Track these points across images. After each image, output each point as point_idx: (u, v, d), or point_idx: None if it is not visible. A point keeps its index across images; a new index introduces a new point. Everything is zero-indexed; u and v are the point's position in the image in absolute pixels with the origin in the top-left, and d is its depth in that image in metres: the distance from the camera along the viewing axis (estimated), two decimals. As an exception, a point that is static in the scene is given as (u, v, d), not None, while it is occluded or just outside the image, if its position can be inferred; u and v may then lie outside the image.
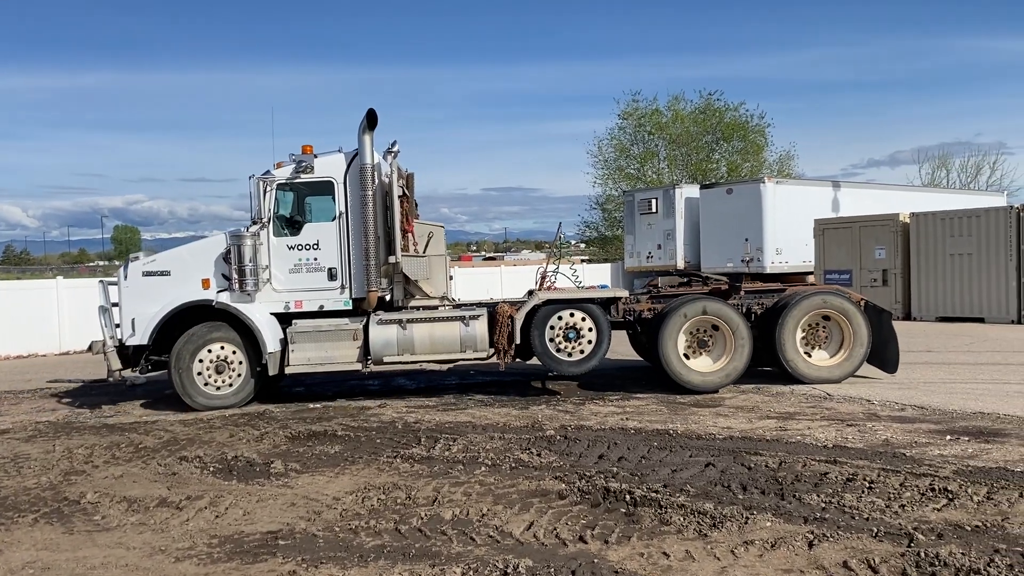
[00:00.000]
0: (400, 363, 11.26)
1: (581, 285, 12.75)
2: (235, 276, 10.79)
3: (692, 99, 41.34)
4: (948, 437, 7.91)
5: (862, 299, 11.75)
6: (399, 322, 10.98)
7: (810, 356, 11.44)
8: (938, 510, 5.73)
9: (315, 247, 11.09)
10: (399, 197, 11.12)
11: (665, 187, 29.54)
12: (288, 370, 10.97)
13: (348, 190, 11.03)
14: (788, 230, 24.12)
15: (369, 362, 10.98)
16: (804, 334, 11.44)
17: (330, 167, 11.16)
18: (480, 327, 11.03)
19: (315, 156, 11.12)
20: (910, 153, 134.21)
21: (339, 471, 7.51)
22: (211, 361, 10.92)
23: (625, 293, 11.78)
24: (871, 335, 11.31)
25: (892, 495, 6.07)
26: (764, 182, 24.73)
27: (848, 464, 6.93)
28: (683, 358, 11.18)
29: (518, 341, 11.02)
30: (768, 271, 23.41)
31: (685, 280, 13.15)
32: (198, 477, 7.49)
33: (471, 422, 9.48)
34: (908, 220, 21.36)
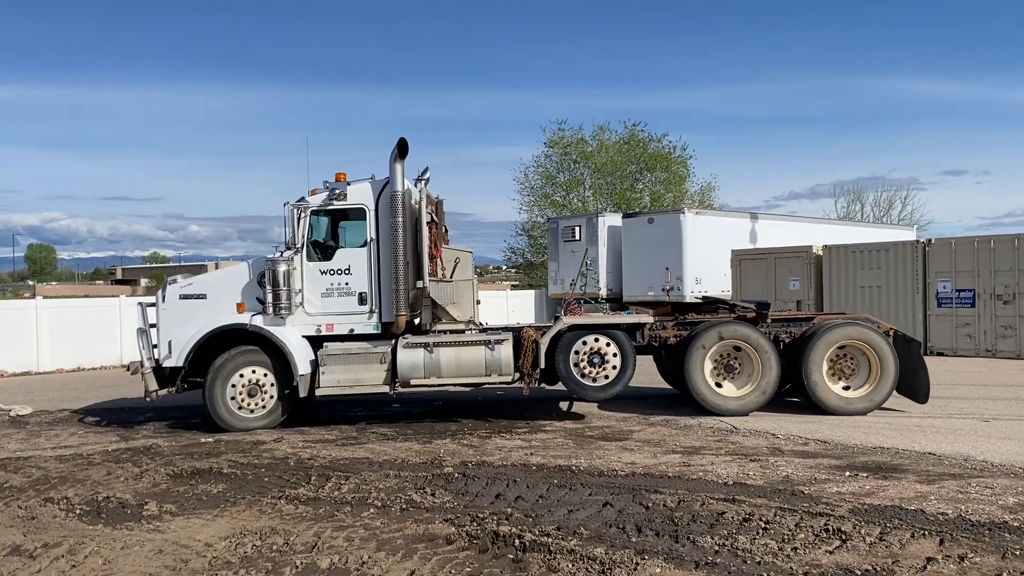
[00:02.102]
0: (427, 386, 11.34)
1: (606, 311, 12.88)
2: (269, 300, 10.97)
3: (617, 129, 41.84)
4: (847, 473, 7.87)
5: (891, 329, 11.71)
6: (426, 346, 11.11)
7: (836, 386, 11.33)
8: (830, 552, 5.61)
9: (346, 272, 11.27)
10: (428, 223, 11.36)
11: (588, 215, 29.65)
12: (318, 392, 11.12)
13: (379, 216, 11.24)
14: (707, 260, 24.40)
15: (397, 384, 11.12)
16: (831, 364, 11.34)
17: (362, 194, 11.36)
18: (505, 351, 11.11)
19: (348, 183, 11.31)
20: (829, 186, 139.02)
21: (218, 513, 7.03)
22: (244, 385, 11.08)
23: (650, 319, 11.82)
24: (898, 366, 11.21)
25: (786, 536, 5.93)
26: (684, 212, 24.99)
27: (746, 503, 6.78)
28: (710, 383, 11.25)
29: (543, 365, 11.13)
30: (688, 300, 23.59)
31: (712, 307, 13.17)
32: (61, 521, 6.91)
33: (368, 458, 9.08)
34: (821, 252, 21.82)
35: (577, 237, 27.67)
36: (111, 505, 7.35)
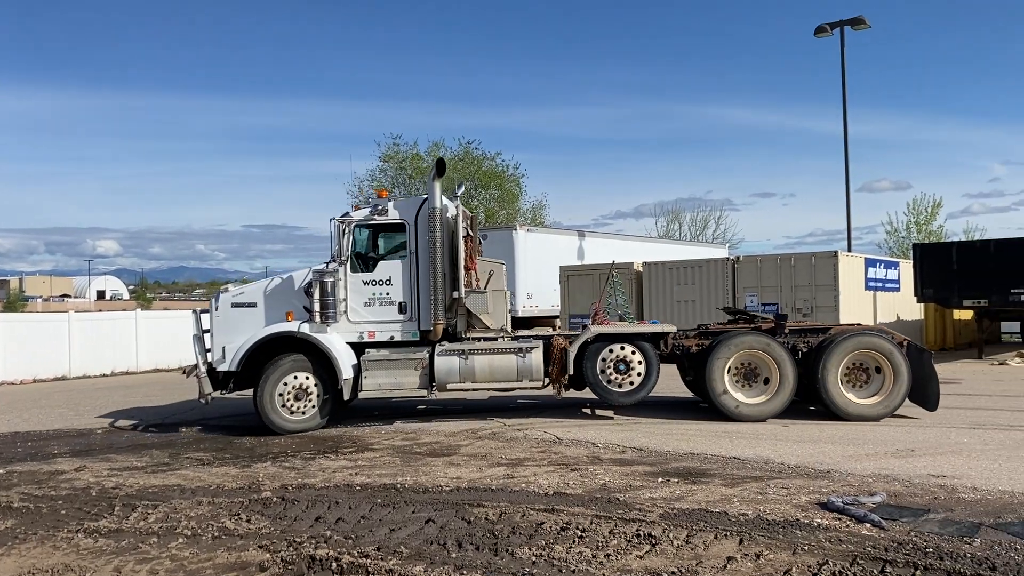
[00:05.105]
0: (462, 390, 12.13)
1: (632, 321, 13.23)
2: (316, 309, 11.63)
3: (452, 147, 42.23)
4: (660, 479, 8.25)
5: (904, 340, 12.09)
6: (461, 352, 11.86)
7: (851, 394, 11.66)
8: (640, 557, 5.84)
9: (387, 283, 12.04)
10: (464, 237, 12.13)
11: (423, 230, 29.62)
12: (361, 395, 11.81)
13: (418, 231, 12.01)
14: (539, 275, 25.00)
15: (434, 388, 11.79)
16: (846, 373, 11.69)
17: (402, 210, 12.15)
18: (536, 358, 11.86)
19: (389, 200, 12.18)
20: (652, 206, 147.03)
21: (4, 552, 6.42)
22: (291, 389, 11.67)
23: (673, 329, 12.46)
24: (911, 375, 11.58)
25: (600, 543, 6.13)
26: (516, 229, 25.55)
27: (565, 512, 6.97)
28: (729, 391, 11.67)
29: (571, 372, 11.87)
30: (520, 315, 24.04)
31: (732, 317, 13.46)
32: None
33: (180, 485, 8.59)
34: (641, 268, 22.89)
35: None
36: None
